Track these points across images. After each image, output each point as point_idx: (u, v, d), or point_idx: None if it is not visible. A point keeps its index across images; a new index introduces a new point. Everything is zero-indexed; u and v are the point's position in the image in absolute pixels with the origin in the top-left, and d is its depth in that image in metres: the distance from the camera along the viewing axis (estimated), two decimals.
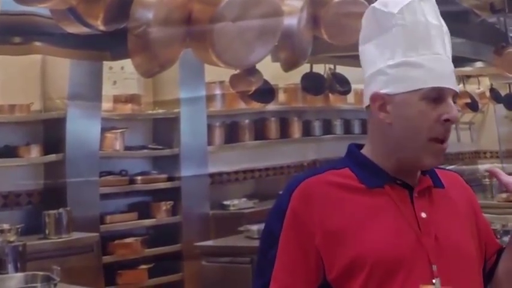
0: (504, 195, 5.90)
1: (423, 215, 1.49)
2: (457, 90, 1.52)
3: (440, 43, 1.53)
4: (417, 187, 1.53)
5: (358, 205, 1.49)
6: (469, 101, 7.44)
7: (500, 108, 7.80)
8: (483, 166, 7.39)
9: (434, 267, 1.44)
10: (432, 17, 1.55)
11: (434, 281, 1.43)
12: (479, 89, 7.69)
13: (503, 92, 7.62)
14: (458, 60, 5.96)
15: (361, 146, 1.60)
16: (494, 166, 7.11)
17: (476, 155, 8.67)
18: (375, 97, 1.52)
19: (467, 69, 6.44)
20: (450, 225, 1.51)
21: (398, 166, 1.52)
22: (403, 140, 1.50)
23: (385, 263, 1.43)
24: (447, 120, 1.47)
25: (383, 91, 1.51)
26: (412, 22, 1.53)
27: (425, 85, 1.48)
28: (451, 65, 1.54)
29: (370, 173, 1.53)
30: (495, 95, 7.57)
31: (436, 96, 1.48)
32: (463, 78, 7.30)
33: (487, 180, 6.20)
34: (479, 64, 6.18)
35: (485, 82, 7.64)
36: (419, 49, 1.51)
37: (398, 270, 1.43)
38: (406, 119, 1.49)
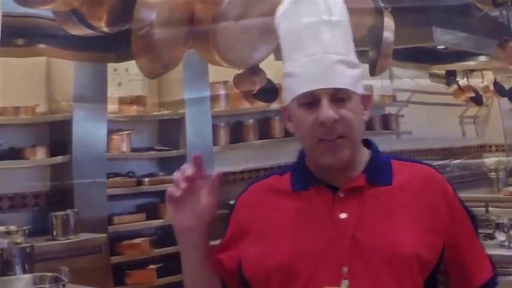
0: (511, 188, 5.91)
1: (342, 215, 1.44)
2: (332, 86, 1.43)
3: (315, 41, 1.45)
4: (343, 187, 1.48)
5: (281, 210, 1.51)
6: (473, 95, 7.43)
7: (505, 102, 7.79)
8: (489, 160, 7.38)
9: (345, 269, 1.40)
10: (309, 15, 1.47)
11: (341, 283, 1.39)
12: (483, 82, 7.67)
13: (507, 86, 7.60)
14: (461, 55, 5.97)
15: None
16: (500, 160, 7.10)
17: (482, 149, 8.66)
18: (283, 109, 1.56)
19: (470, 63, 6.42)
20: (383, 225, 1.44)
21: (320, 167, 1.51)
22: (303, 146, 1.54)
23: (282, 270, 1.44)
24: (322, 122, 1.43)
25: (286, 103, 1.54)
26: (286, 30, 1.51)
27: (296, 93, 1.47)
28: (328, 60, 1.44)
29: (301, 176, 1.54)
30: (499, 89, 7.56)
31: (310, 100, 1.45)
32: (466, 72, 7.29)
33: (493, 174, 6.20)
34: (482, 58, 6.15)
35: (489, 76, 7.61)
36: (293, 55, 1.48)
37: (298, 277, 1.42)
38: (295, 127, 1.52)
